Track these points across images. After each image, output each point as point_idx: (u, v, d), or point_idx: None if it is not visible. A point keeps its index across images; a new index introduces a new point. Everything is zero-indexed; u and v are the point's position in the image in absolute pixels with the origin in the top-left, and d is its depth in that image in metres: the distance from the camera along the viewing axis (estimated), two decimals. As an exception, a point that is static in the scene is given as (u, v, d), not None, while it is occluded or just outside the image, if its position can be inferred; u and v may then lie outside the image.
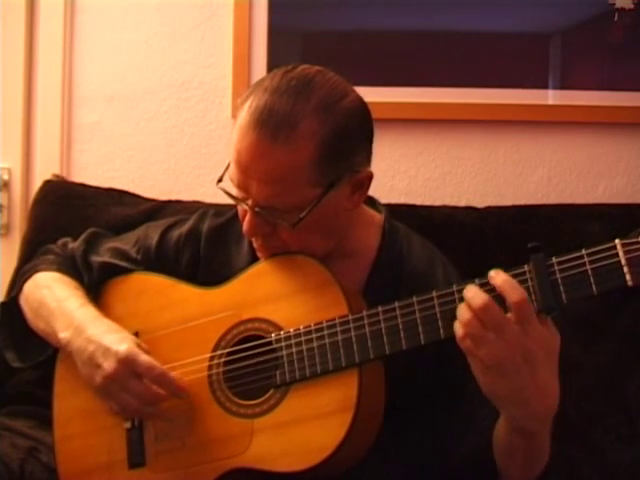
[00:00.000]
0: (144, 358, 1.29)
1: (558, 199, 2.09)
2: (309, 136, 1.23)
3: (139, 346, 1.33)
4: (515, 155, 2.14)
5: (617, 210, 1.92)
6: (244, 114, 1.26)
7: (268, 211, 1.27)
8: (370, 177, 1.32)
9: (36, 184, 2.14)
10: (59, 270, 1.50)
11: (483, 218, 1.93)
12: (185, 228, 1.51)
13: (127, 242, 1.54)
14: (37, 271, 1.52)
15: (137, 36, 2.21)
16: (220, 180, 1.33)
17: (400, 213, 1.52)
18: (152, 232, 1.53)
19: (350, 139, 1.27)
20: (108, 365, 1.29)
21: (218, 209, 1.55)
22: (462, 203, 2.05)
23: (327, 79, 1.28)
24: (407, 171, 2.12)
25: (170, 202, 2.03)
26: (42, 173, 2.18)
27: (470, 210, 1.97)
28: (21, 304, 1.51)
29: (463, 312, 1.10)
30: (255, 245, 1.36)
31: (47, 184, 2.08)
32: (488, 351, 1.08)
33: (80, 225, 1.93)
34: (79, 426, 1.42)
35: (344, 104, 1.27)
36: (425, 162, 2.14)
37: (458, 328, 1.10)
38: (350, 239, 1.39)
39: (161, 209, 1.99)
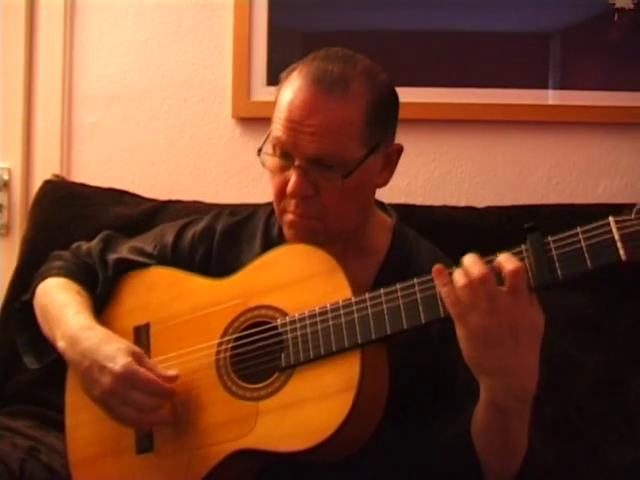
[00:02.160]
0: (141, 374, 1.29)
1: (558, 199, 2.09)
2: (360, 95, 1.32)
3: (133, 353, 1.33)
4: (515, 155, 2.14)
5: (617, 210, 1.92)
6: (294, 79, 1.33)
7: (315, 167, 1.30)
8: (400, 151, 1.40)
9: (36, 184, 2.14)
10: (66, 276, 1.52)
11: (483, 218, 1.93)
12: (200, 226, 1.54)
13: (144, 241, 1.57)
14: (45, 277, 1.53)
15: (137, 36, 2.21)
16: (260, 150, 1.37)
17: (400, 213, 1.52)
18: (168, 231, 1.57)
19: (390, 108, 1.38)
20: (106, 381, 1.30)
21: (233, 209, 1.59)
22: (462, 203, 2.05)
23: (364, 57, 1.38)
24: (407, 171, 2.12)
25: (170, 202, 2.03)
26: (42, 173, 2.18)
27: (470, 210, 1.97)
28: (34, 308, 1.53)
29: (459, 277, 1.13)
30: (290, 218, 1.36)
31: (47, 184, 2.08)
32: (477, 319, 1.11)
33: (80, 225, 1.94)
34: (89, 414, 1.43)
35: (383, 77, 1.37)
36: (425, 162, 2.14)
37: (450, 292, 1.14)
38: (364, 236, 1.43)
39: (161, 209, 1.99)
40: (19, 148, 2.22)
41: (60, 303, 1.45)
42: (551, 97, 2.12)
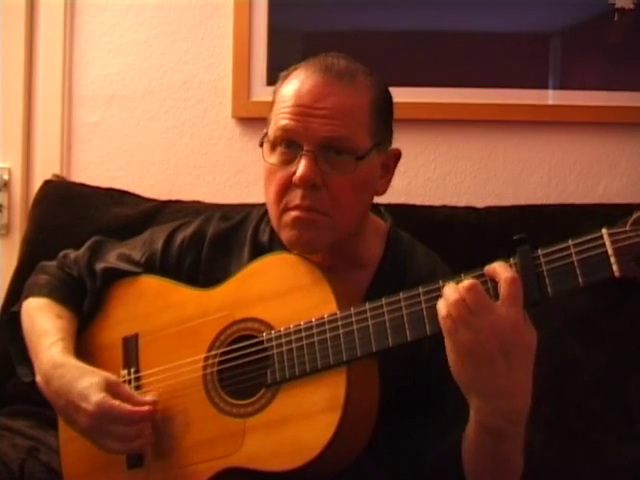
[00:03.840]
0: (116, 408, 1.29)
1: (558, 199, 2.09)
2: (366, 87, 1.33)
3: (106, 385, 1.31)
4: (515, 155, 2.14)
5: (617, 210, 1.92)
6: (298, 74, 1.33)
7: (326, 153, 1.28)
8: (398, 156, 1.39)
9: (36, 184, 2.14)
10: (49, 295, 1.49)
11: (483, 218, 1.93)
12: (189, 231, 1.51)
13: (132, 247, 1.55)
14: (29, 294, 1.51)
15: (137, 36, 2.21)
16: (262, 144, 1.35)
17: (400, 213, 1.52)
18: (157, 237, 1.54)
19: (389, 109, 1.37)
20: (83, 420, 1.30)
21: (224, 213, 1.56)
22: (462, 203, 2.05)
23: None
24: (407, 171, 2.12)
25: (170, 202, 2.03)
26: (42, 173, 2.18)
27: (470, 210, 1.97)
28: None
29: (450, 292, 1.11)
30: (293, 215, 1.30)
31: (47, 184, 2.08)
32: (467, 335, 1.09)
33: (80, 225, 1.94)
34: None
35: (381, 79, 1.37)
36: (425, 162, 2.14)
37: (442, 307, 1.12)
38: (357, 245, 1.40)
39: (161, 209, 1.99)
40: (19, 148, 2.22)
41: (39, 330, 1.44)
42: (551, 97, 2.12)
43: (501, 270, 1.10)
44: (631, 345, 1.81)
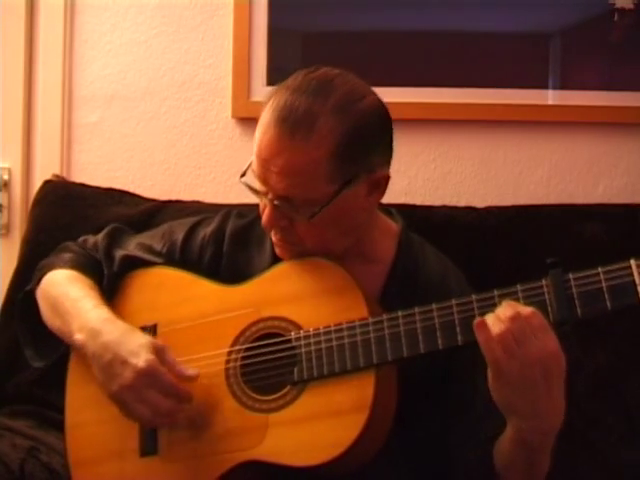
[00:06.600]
0: (163, 374, 1.30)
1: (558, 199, 2.09)
2: (326, 133, 1.27)
3: (155, 349, 1.32)
4: (515, 155, 2.14)
5: (617, 210, 1.92)
6: (266, 112, 1.31)
7: (285, 204, 1.30)
8: (387, 178, 1.36)
9: (36, 184, 2.14)
10: (74, 268, 1.50)
11: (483, 218, 1.93)
12: (210, 228, 1.53)
13: (151, 238, 1.56)
14: (52, 268, 1.52)
15: (137, 36, 2.21)
16: (243, 175, 1.37)
17: (400, 213, 1.52)
18: (177, 229, 1.55)
19: (367, 139, 1.31)
20: (127, 376, 1.30)
21: (240, 211, 1.58)
22: (462, 203, 2.05)
23: (347, 81, 1.33)
24: (407, 171, 2.12)
25: (170, 202, 2.03)
26: (42, 173, 2.18)
27: (470, 210, 1.97)
28: (37, 299, 1.51)
29: (494, 323, 1.13)
30: (274, 239, 1.39)
31: (47, 184, 2.08)
32: (516, 366, 1.11)
33: (80, 225, 1.94)
34: (92, 414, 1.43)
35: (362, 105, 1.31)
36: (425, 162, 2.14)
37: (485, 340, 1.13)
38: (369, 244, 1.42)
39: (161, 209, 1.99)
40: (19, 148, 2.22)
41: (74, 296, 1.44)
42: (551, 97, 2.12)
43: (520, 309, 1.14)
44: (631, 345, 1.81)
